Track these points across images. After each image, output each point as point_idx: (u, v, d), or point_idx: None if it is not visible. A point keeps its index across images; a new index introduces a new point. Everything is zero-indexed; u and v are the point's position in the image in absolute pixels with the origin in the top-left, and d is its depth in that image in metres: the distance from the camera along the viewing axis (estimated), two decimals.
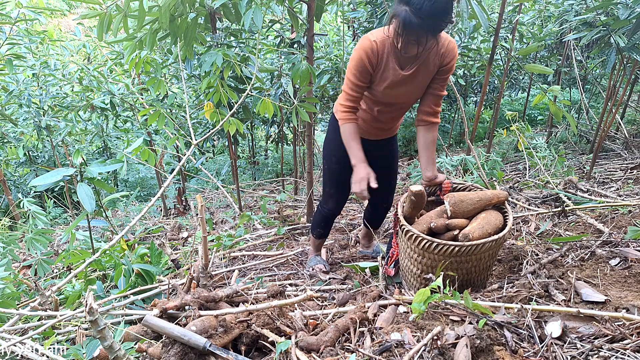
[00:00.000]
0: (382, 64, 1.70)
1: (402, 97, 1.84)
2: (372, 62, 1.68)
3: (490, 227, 1.72)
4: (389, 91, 1.79)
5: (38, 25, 5.60)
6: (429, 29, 1.47)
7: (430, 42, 1.58)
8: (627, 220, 2.24)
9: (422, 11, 1.40)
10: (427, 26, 1.44)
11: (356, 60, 1.69)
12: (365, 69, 1.70)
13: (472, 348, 1.23)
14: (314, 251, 2.41)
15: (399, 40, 1.53)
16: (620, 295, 1.52)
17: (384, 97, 1.82)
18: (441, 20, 1.45)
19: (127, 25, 2.16)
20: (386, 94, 1.81)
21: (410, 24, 1.44)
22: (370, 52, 1.66)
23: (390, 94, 1.80)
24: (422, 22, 1.42)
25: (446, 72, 1.77)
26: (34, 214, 2.19)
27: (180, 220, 3.74)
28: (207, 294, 1.55)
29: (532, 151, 3.40)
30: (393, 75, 1.73)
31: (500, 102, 4.52)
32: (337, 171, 2.07)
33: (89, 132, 4.53)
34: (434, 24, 1.45)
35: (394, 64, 1.70)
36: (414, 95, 1.85)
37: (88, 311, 1.09)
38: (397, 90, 1.79)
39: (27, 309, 1.64)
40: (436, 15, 1.42)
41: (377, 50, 1.65)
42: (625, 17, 2.54)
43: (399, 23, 1.47)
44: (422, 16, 1.41)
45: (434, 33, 1.51)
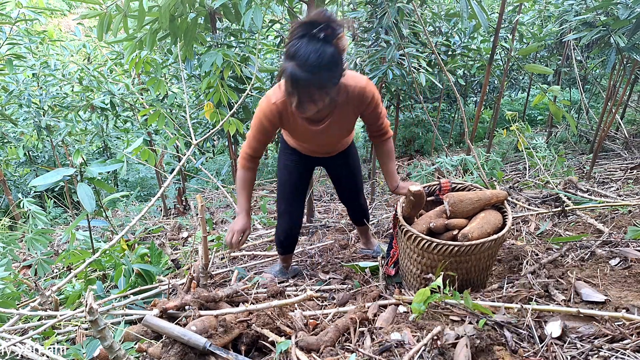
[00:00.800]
0: (287, 121, 1.63)
1: (324, 141, 1.77)
2: (274, 124, 1.62)
3: (489, 227, 1.72)
4: (305, 140, 1.75)
5: (38, 25, 5.60)
6: (319, 84, 1.33)
7: (327, 99, 1.42)
8: (627, 220, 2.24)
9: (308, 64, 1.27)
10: (316, 81, 1.31)
11: (257, 124, 1.63)
12: (266, 130, 1.65)
13: (472, 348, 1.23)
14: (281, 261, 2.27)
15: (292, 100, 1.39)
16: (620, 295, 1.52)
17: (305, 142, 1.78)
18: (331, 73, 1.33)
19: (127, 25, 2.16)
20: (305, 141, 1.76)
21: (298, 80, 1.31)
22: (270, 116, 1.59)
23: (308, 142, 1.76)
24: (311, 77, 1.29)
25: (370, 114, 1.68)
26: (34, 214, 2.19)
27: (180, 220, 3.74)
28: (207, 294, 1.55)
29: (532, 151, 3.40)
30: (304, 130, 1.66)
31: (500, 102, 4.52)
32: (283, 179, 2.00)
33: (89, 132, 4.53)
34: (323, 77, 1.32)
35: (302, 121, 1.62)
36: (340, 137, 1.79)
37: (88, 311, 1.09)
38: (314, 140, 1.74)
39: (27, 309, 1.64)
40: (324, 67, 1.29)
41: (278, 113, 1.58)
42: (625, 17, 2.54)
43: (287, 80, 1.33)
44: (309, 70, 1.28)
45: (325, 88, 1.37)
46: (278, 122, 1.62)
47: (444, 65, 3.31)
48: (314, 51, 1.27)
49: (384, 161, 1.88)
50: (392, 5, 2.66)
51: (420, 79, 2.94)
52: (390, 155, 1.87)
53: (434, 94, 5.59)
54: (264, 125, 1.63)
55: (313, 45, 1.27)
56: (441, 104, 5.87)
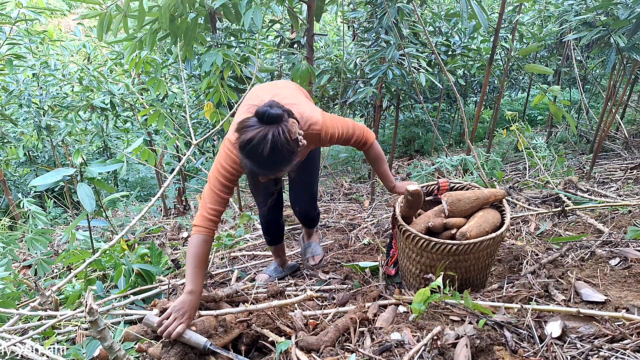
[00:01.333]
0: None
1: None
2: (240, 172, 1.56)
3: (487, 226, 1.72)
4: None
5: (38, 25, 5.61)
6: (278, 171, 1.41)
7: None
8: (627, 220, 2.24)
9: (264, 165, 1.35)
10: (275, 171, 1.40)
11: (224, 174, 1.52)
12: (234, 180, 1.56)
13: (472, 348, 1.23)
14: (274, 257, 2.30)
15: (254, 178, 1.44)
16: (620, 295, 1.52)
17: None
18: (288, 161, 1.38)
19: (127, 25, 2.17)
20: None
21: (259, 174, 1.40)
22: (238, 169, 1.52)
23: None
24: (269, 172, 1.39)
25: (336, 143, 1.68)
26: (34, 214, 2.19)
27: (180, 220, 3.74)
28: (207, 293, 1.55)
29: (532, 151, 3.40)
30: None
31: (500, 102, 4.52)
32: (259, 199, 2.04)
33: (89, 132, 4.53)
34: (281, 169, 1.39)
35: None
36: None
37: (88, 312, 1.09)
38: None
39: (27, 308, 1.64)
40: (279, 163, 1.36)
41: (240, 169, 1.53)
42: (625, 17, 2.54)
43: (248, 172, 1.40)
44: (268, 168, 1.36)
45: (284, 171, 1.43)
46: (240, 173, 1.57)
47: (444, 65, 3.31)
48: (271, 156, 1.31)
49: (375, 166, 1.87)
50: (392, 5, 2.66)
51: (420, 79, 2.94)
52: (380, 159, 1.84)
53: (434, 94, 5.59)
54: (228, 177, 1.52)
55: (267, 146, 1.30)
56: (441, 104, 5.86)
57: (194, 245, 1.46)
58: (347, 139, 1.68)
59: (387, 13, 2.65)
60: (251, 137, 1.30)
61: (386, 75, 2.84)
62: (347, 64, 3.73)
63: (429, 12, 3.97)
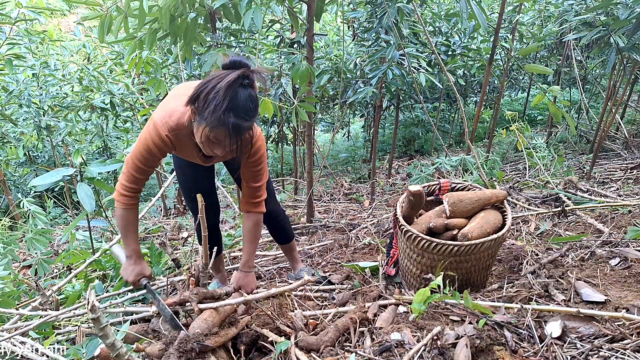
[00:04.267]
0: (179, 150, 1.57)
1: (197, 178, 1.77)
2: (165, 153, 1.52)
3: (489, 227, 1.72)
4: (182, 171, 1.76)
5: (38, 25, 5.60)
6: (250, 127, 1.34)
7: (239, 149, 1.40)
8: (627, 220, 2.24)
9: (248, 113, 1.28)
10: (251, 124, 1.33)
11: (144, 153, 1.48)
12: (155, 160, 1.52)
13: (472, 348, 1.23)
14: (214, 273, 2.10)
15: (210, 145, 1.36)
16: (620, 295, 1.52)
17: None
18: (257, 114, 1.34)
19: (127, 25, 2.17)
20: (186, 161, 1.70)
21: (241, 129, 1.29)
22: (164, 147, 1.48)
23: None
24: (250, 123, 1.31)
25: (250, 166, 1.61)
26: (34, 214, 2.19)
27: (180, 220, 3.74)
28: (206, 291, 1.55)
29: (532, 151, 3.40)
30: (192, 158, 1.62)
31: (500, 102, 4.52)
32: (183, 183, 1.89)
33: (89, 132, 4.53)
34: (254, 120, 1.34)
35: (194, 155, 1.59)
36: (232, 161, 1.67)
37: (90, 309, 1.09)
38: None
39: (27, 308, 1.64)
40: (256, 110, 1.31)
41: (171, 144, 1.48)
42: (625, 17, 2.54)
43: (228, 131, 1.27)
44: (249, 118, 1.29)
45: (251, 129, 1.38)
46: (168, 151, 1.52)
47: (444, 65, 3.31)
48: (248, 99, 1.27)
49: (247, 238, 1.72)
50: (392, 5, 2.66)
51: (420, 79, 2.94)
52: (256, 235, 1.74)
53: (434, 94, 5.59)
54: (155, 155, 1.49)
55: (244, 93, 1.27)
56: (441, 104, 5.87)
57: (119, 218, 1.58)
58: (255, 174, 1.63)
59: (387, 13, 2.65)
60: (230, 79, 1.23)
61: (386, 75, 2.84)
62: (347, 64, 3.73)
63: (429, 12, 3.98)
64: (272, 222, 2.03)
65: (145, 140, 1.46)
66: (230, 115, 1.25)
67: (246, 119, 1.29)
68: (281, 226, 2.07)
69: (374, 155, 4.13)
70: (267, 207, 1.90)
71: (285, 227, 2.10)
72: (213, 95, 1.24)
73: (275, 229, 2.07)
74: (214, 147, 1.35)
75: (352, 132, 7.50)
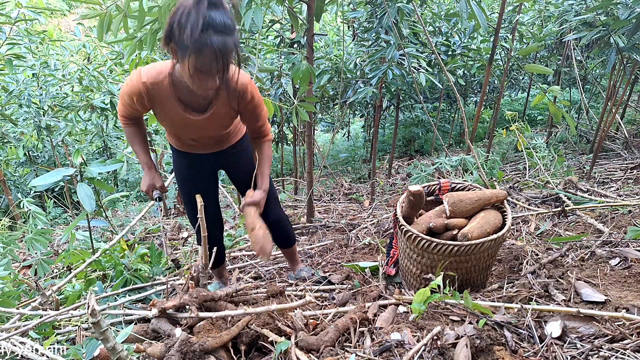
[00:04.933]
0: (159, 104, 1.49)
1: (200, 133, 1.64)
2: (142, 104, 1.48)
3: (489, 227, 1.72)
4: (178, 129, 1.62)
5: (38, 25, 5.61)
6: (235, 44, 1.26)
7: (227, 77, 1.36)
8: (627, 220, 2.24)
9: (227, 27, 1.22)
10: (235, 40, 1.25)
11: (123, 99, 1.50)
12: (133, 108, 1.52)
13: (472, 348, 1.23)
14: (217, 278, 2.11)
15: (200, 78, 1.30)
16: (620, 295, 1.52)
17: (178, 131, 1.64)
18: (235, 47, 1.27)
19: (127, 25, 2.16)
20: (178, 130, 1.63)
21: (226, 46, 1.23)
22: (138, 96, 1.45)
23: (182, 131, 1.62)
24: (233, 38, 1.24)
25: (249, 113, 1.60)
26: (34, 214, 2.19)
27: (180, 220, 3.74)
28: (206, 293, 1.55)
29: (532, 151, 3.40)
30: (179, 119, 1.54)
31: (500, 102, 4.52)
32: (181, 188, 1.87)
33: (89, 132, 4.53)
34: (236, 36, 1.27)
35: (176, 108, 1.50)
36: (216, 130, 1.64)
37: (90, 313, 1.09)
38: (187, 131, 1.62)
39: (27, 308, 1.64)
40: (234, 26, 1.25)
41: (147, 93, 1.44)
42: (625, 17, 2.54)
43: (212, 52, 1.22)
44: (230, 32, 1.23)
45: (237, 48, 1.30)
46: (147, 103, 1.48)
47: (444, 65, 3.31)
48: (223, 14, 1.22)
49: (262, 161, 1.75)
50: (392, 5, 2.66)
51: (420, 79, 2.94)
52: (268, 158, 1.75)
53: (434, 94, 5.59)
54: (129, 103, 1.50)
55: (216, 11, 1.21)
56: (441, 104, 5.87)
57: (127, 135, 1.68)
58: (256, 117, 1.63)
59: (387, 13, 2.65)
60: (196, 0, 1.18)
61: (386, 75, 2.84)
62: (347, 64, 3.73)
63: (429, 12, 3.98)
64: (276, 228, 1.98)
65: (125, 84, 1.48)
66: (210, 34, 1.20)
67: (227, 34, 1.23)
68: (284, 231, 2.04)
69: (374, 155, 4.13)
70: (271, 213, 1.93)
71: (289, 232, 2.08)
72: (185, 18, 1.19)
73: (279, 234, 2.03)
74: (205, 79, 1.30)
75: (352, 132, 7.50)
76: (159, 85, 1.43)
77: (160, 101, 1.47)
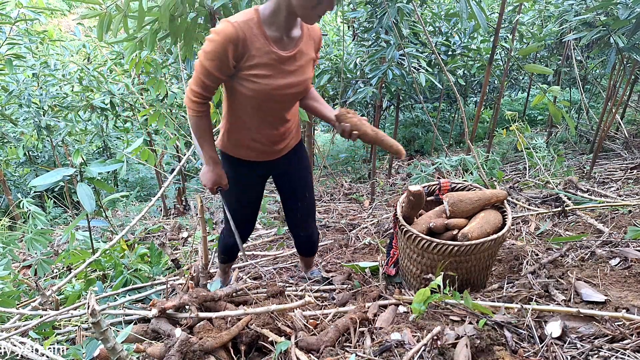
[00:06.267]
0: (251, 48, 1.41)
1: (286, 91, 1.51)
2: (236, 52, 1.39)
3: (489, 227, 1.72)
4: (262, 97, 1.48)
5: (38, 25, 5.61)
6: None
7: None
8: (627, 220, 2.24)
9: None
10: None
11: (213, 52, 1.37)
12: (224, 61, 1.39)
13: (472, 348, 1.23)
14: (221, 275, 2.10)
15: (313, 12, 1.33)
16: (620, 295, 1.52)
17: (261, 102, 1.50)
18: None
19: (127, 25, 2.16)
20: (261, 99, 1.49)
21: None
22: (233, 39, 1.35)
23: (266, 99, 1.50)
24: None
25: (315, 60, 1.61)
26: (34, 214, 2.19)
27: (180, 220, 3.74)
28: (206, 293, 1.55)
29: (532, 151, 3.40)
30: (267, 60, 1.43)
31: (500, 102, 4.52)
32: (238, 210, 1.79)
33: (89, 132, 4.53)
34: None
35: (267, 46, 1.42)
36: (300, 85, 1.54)
37: (90, 313, 1.09)
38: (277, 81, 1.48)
39: (27, 308, 1.64)
40: None
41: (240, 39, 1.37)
42: (625, 17, 2.54)
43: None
44: None
45: None
46: (240, 49, 1.38)
47: (444, 65, 3.31)
48: None
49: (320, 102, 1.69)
50: (392, 5, 2.66)
51: (420, 79, 2.94)
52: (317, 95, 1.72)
53: (434, 94, 5.59)
54: (221, 53, 1.36)
55: None
56: (441, 104, 5.87)
57: (192, 125, 1.56)
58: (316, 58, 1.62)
59: (387, 13, 2.65)
60: None
61: (386, 75, 2.84)
62: (347, 64, 3.73)
63: (429, 12, 3.98)
64: (307, 241, 2.01)
65: (212, 38, 1.36)
66: None
67: None
68: (313, 244, 2.05)
69: (374, 155, 4.12)
70: (309, 227, 1.94)
71: (316, 244, 2.08)
72: None
73: (308, 246, 2.05)
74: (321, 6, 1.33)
75: None
76: (248, 25, 1.38)
77: (251, 43, 1.40)
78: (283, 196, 1.88)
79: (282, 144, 1.69)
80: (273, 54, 1.43)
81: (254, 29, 1.39)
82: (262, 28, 1.41)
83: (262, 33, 1.41)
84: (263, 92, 1.47)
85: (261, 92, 1.47)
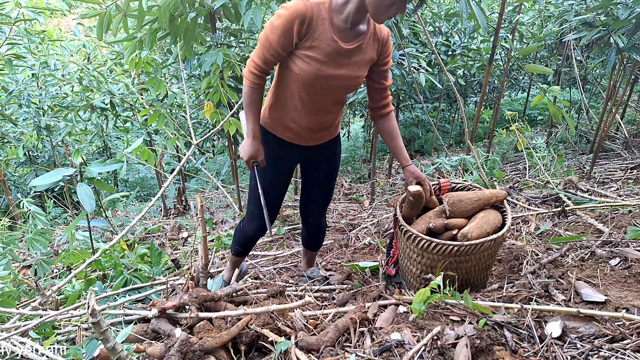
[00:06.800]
0: (311, 32, 1.43)
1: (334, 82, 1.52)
2: (300, 30, 1.41)
3: (489, 227, 1.72)
4: (312, 77, 1.48)
5: (38, 25, 5.61)
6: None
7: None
8: (627, 220, 2.24)
9: None
10: None
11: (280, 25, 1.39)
12: (288, 35, 1.40)
13: (472, 348, 1.23)
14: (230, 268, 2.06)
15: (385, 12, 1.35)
16: (620, 295, 1.52)
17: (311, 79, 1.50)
18: None
19: (127, 25, 2.16)
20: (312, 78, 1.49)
21: None
22: (301, 17, 1.37)
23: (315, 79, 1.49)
24: None
25: (384, 64, 1.60)
26: (34, 214, 2.19)
27: (180, 220, 3.74)
28: (206, 293, 1.55)
29: (532, 151, 3.40)
30: (327, 46, 1.44)
31: (500, 102, 4.52)
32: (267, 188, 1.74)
33: (89, 132, 4.54)
34: None
35: (330, 32, 1.43)
36: (351, 79, 1.55)
37: (90, 313, 1.09)
38: (329, 69, 1.48)
39: (27, 308, 1.64)
40: None
41: (308, 17, 1.39)
42: (625, 17, 2.54)
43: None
44: None
45: None
46: (305, 27, 1.40)
47: (444, 65, 3.31)
48: None
49: (392, 137, 1.71)
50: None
51: (420, 79, 2.94)
52: (397, 131, 1.73)
53: (434, 94, 5.59)
54: (287, 28, 1.38)
55: None
56: (441, 104, 5.87)
57: (245, 94, 1.57)
58: (388, 72, 1.63)
59: None
60: None
61: None
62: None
63: (429, 12, 3.98)
64: (317, 232, 2.04)
65: (281, 12, 1.38)
66: None
67: None
68: (320, 236, 2.08)
69: (374, 155, 4.12)
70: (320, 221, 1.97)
71: (324, 235, 2.11)
72: None
73: (317, 239, 2.08)
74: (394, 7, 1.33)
75: (352, 132, 7.50)
76: (319, 7, 1.41)
77: (316, 25, 1.42)
78: (307, 185, 1.91)
79: (318, 134, 1.71)
80: (333, 42, 1.44)
81: (322, 12, 1.41)
82: (331, 14, 1.43)
83: (330, 19, 1.43)
84: (311, 75, 1.48)
85: (310, 74, 1.48)
